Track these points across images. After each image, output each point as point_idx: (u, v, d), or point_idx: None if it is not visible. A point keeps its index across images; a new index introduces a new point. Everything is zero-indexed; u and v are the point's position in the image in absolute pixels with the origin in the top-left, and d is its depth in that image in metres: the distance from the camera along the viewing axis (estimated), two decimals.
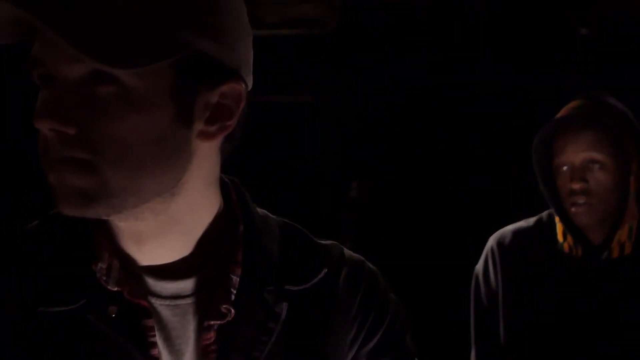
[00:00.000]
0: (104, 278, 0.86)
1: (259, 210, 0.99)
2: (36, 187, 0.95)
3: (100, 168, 0.79)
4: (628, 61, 3.89)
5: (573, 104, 1.85)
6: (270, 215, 1.01)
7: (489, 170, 4.00)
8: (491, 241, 1.97)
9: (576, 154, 1.78)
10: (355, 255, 1.03)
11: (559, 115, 1.83)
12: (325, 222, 4.11)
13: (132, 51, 0.76)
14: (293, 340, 0.92)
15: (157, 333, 0.88)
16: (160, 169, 0.82)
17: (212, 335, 0.88)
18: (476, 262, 2.01)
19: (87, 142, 0.78)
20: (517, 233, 1.95)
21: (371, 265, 1.03)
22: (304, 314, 0.94)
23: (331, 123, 4.36)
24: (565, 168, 1.80)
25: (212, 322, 0.88)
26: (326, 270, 0.98)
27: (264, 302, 0.91)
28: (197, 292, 0.89)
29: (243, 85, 0.87)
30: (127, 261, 0.89)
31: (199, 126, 0.84)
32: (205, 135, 0.85)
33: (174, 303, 0.89)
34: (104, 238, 0.89)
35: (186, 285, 0.89)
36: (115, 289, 0.86)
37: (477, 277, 1.98)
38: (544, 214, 1.95)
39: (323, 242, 1.02)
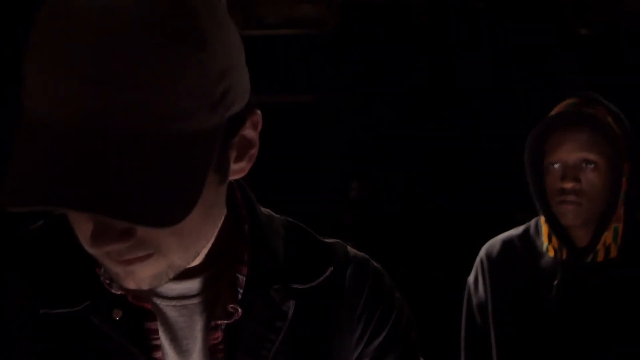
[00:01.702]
0: (108, 282, 0.86)
1: (264, 209, 0.99)
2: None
3: (166, 255, 0.78)
4: (628, 61, 3.90)
5: (567, 101, 1.81)
6: (275, 214, 1.01)
7: (490, 170, 4.01)
8: (481, 252, 1.94)
9: (570, 152, 1.73)
10: (360, 253, 1.04)
11: (553, 112, 1.79)
12: (325, 222, 4.11)
13: (179, 201, 0.71)
14: (300, 339, 0.92)
15: (163, 334, 0.87)
16: (213, 227, 0.84)
17: (219, 334, 0.88)
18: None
19: (147, 243, 0.76)
20: (505, 242, 1.91)
21: (376, 264, 1.03)
22: (310, 312, 0.94)
23: (331, 123, 4.36)
24: (557, 166, 1.75)
25: (219, 322, 0.88)
26: (332, 268, 0.98)
27: (271, 300, 0.91)
28: (203, 292, 0.89)
29: (258, 111, 0.84)
30: None
31: (231, 170, 0.83)
32: (237, 173, 0.84)
33: (180, 303, 0.88)
34: None
35: (193, 285, 0.89)
36: (119, 292, 0.86)
37: (468, 289, 1.96)
38: (532, 221, 1.92)
39: (327, 240, 1.02)
